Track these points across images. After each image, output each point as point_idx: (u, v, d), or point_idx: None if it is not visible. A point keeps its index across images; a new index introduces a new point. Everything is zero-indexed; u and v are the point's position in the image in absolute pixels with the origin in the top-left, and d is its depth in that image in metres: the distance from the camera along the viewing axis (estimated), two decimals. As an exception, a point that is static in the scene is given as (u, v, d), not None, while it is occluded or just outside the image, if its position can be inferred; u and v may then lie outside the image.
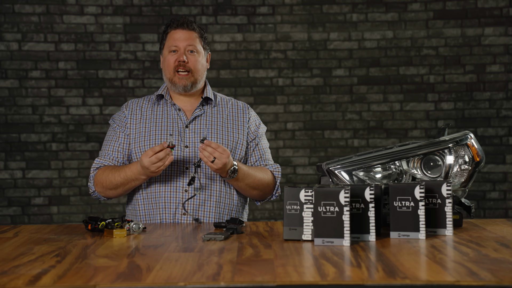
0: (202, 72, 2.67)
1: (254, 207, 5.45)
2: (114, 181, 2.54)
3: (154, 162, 2.37)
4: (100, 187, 2.61)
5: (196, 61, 2.64)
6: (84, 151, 5.41)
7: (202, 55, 2.67)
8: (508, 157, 5.44)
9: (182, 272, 1.58)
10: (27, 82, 5.37)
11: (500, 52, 5.42)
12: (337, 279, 1.49)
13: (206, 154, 2.39)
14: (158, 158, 2.37)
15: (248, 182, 2.57)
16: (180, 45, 2.62)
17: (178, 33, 2.63)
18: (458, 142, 2.27)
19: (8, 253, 1.90)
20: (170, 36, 2.65)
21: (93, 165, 2.66)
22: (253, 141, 2.71)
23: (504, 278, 1.47)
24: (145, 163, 2.39)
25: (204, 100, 2.70)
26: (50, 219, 5.37)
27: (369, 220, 1.96)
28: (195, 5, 5.45)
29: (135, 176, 2.50)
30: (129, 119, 2.68)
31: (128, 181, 2.52)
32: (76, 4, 5.38)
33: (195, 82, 2.64)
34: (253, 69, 5.48)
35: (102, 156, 2.67)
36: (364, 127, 5.49)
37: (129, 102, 2.75)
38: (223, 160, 2.40)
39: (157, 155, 2.37)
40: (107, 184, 2.57)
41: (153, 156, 2.37)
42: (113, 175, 2.55)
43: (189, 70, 2.62)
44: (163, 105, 2.70)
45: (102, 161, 2.65)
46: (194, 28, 2.66)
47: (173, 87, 2.65)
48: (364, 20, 5.48)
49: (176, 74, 2.62)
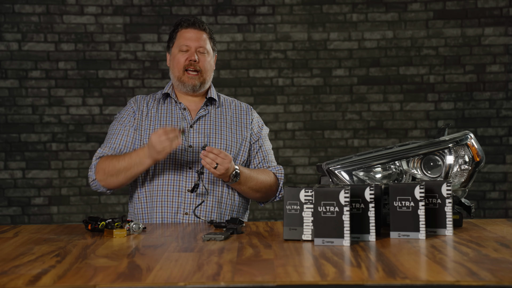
0: (210, 73, 2.68)
1: (254, 207, 5.45)
2: (118, 165, 2.51)
3: (162, 139, 2.35)
4: (102, 174, 2.57)
5: (206, 61, 2.65)
6: (84, 151, 5.41)
7: (211, 55, 2.68)
8: (508, 157, 5.45)
9: (182, 272, 1.58)
10: (27, 82, 5.37)
11: (500, 52, 5.42)
12: (337, 279, 1.49)
13: (208, 160, 2.38)
14: (167, 134, 2.35)
15: (251, 185, 2.57)
16: (191, 44, 2.62)
17: (190, 33, 2.64)
18: (458, 142, 2.27)
19: (8, 253, 1.90)
20: (180, 35, 2.65)
21: (96, 154, 2.62)
22: (257, 143, 2.72)
23: (504, 278, 1.47)
24: (153, 139, 2.37)
25: (208, 101, 2.70)
26: (50, 219, 5.37)
27: (369, 220, 1.96)
28: (195, 5, 5.45)
29: (139, 160, 2.47)
30: (137, 114, 2.67)
31: (132, 165, 2.49)
32: (76, 4, 5.38)
33: (203, 82, 2.65)
34: (253, 69, 5.48)
35: (105, 146, 2.63)
36: (364, 127, 5.49)
37: (137, 97, 2.75)
38: (225, 165, 2.40)
39: (167, 131, 2.36)
40: (109, 170, 2.53)
41: (163, 136, 2.35)
42: (117, 159, 2.52)
43: (199, 70, 2.63)
44: (168, 104, 2.70)
45: (105, 151, 2.61)
46: (205, 29, 2.67)
47: (181, 85, 2.65)
48: (364, 20, 5.48)
49: (186, 73, 2.62)
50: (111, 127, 2.70)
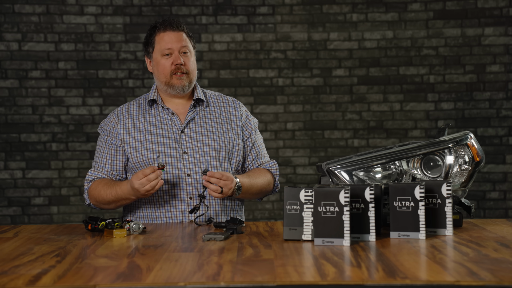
0: (195, 72, 2.65)
1: (254, 207, 5.45)
2: (106, 198, 2.52)
3: (144, 185, 2.34)
4: (94, 201, 2.60)
5: (191, 61, 2.61)
6: (84, 151, 5.41)
7: (193, 54, 2.63)
8: (508, 157, 5.44)
9: (182, 272, 1.58)
10: (27, 82, 5.37)
11: (500, 52, 5.42)
12: (337, 279, 1.49)
13: (213, 187, 2.38)
14: (149, 180, 2.33)
15: (252, 192, 2.58)
16: (174, 46, 2.57)
17: (169, 35, 2.57)
18: (458, 142, 2.27)
19: (8, 253, 1.90)
20: (160, 39, 2.58)
21: (87, 177, 2.62)
22: (249, 139, 2.69)
23: (504, 278, 1.47)
24: (136, 185, 2.36)
25: (195, 102, 2.67)
26: (50, 219, 5.37)
27: (369, 220, 1.96)
28: (195, 5, 5.45)
29: (125, 196, 2.47)
30: (120, 129, 2.62)
31: (119, 199, 2.50)
32: (76, 4, 5.38)
33: (190, 82, 2.62)
34: (253, 69, 5.48)
35: (95, 168, 2.63)
36: (364, 127, 5.49)
37: (118, 109, 2.69)
38: (229, 186, 2.41)
39: (148, 177, 2.33)
40: (100, 200, 2.56)
41: (143, 179, 2.34)
42: (105, 191, 2.52)
43: (186, 72, 2.59)
44: (155, 111, 2.65)
45: (95, 173, 2.62)
46: (182, 28, 2.61)
47: (169, 89, 2.60)
48: (364, 20, 5.48)
49: (174, 76, 2.58)
50: (98, 142, 2.68)
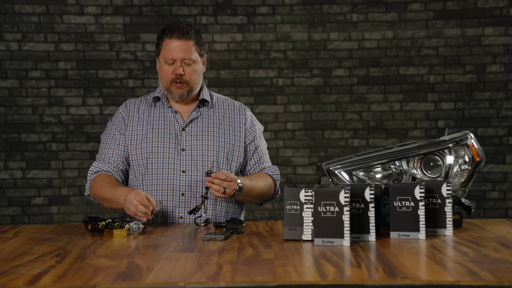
0: (198, 80, 2.64)
1: (254, 207, 5.45)
2: (104, 194, 2.54)
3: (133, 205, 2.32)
4: (93, 194, 2.63)
5: (192, 71, 2.60)
6: (84, 151, 5.41)
7: (198, 62, 2.62)
8: (508, 157, 5.44)
9: (182, 272, 1.58)
10: (27, 82, 5.37)
11: (500, 52, 5.42)
12: (337, 279, 1.49)
13: (216, 188, 2.39)
14: (136, 208, 2.32)
15: (252, 195, 2.58)
16: (176, 56, 2.57)
17: (174, 43, 2.57)
18: (458, 142, 2.27)
19: (8, 253, 1.90)
20: (166, 45, 2.59)
21: (91, 168, 2.64)
22: (252, 143, 2.70)
23: (504, 278, 1.47)
24: (127, 201, 2.36)
25: (200, 102, 2.69)
26: (50, 219, 5.37)
27: (369, 220, 1.96)
28: (195, 5, 5.45)
29: (117, 201, 2.48)
30: (127, 120, 2.68)
31: (113, 200, 2.51)
32: (76, 4, 5.38)
33: (190, 91, 2.63)
34: (253, 69, 5.48)
35: (101, 159, 2.65)
36: (364, 127, 5.49)
37: (127, 102, 2.74)
38: (232, 187, 2.42)
39: (140, 207, 2.31)
40: (98, 194, 2.58)
41: (137, 202, 2.32)
42: (105, 188, 2.54)
43: (185, 82, 2.60)
44: (159, 107, 2.69)
45: (101, 165, 2.63)
46: (190, 37, 2.58)
47: (169, 94, 2.65)
48: (364, 20, 5.48)
49: (174, 84, 2.60)
50: (103, 136, 2.71)
